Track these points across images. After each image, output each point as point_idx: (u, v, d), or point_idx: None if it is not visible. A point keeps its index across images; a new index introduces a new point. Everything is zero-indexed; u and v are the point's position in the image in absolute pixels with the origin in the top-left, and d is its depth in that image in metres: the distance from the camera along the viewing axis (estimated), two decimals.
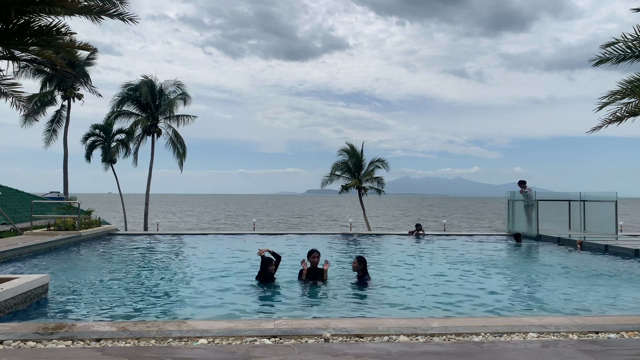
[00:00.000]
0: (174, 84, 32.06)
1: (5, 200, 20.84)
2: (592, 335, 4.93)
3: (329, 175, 31.68)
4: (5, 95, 8.65)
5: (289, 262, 10.14)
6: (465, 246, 15.00)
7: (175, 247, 14.57)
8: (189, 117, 32.57)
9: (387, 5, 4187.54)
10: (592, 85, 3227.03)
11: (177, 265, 11.00)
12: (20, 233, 15.77)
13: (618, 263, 11.47)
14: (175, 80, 32.10)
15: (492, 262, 11.70)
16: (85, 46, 9.07)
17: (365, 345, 4.56)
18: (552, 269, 10.88)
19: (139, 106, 31.59)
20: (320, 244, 14.80)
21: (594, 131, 12.48)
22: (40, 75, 29.24)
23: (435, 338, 4.81)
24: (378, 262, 11.53)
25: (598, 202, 17.57)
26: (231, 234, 18.19)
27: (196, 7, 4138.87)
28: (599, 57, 11.33)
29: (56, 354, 4.23)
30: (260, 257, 8.74)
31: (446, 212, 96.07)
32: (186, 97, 32.29)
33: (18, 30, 7.83)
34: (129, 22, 8.53)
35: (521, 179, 18.20)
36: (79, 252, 12.91)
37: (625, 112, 11.45)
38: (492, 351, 4.39)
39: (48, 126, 32.31)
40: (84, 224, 15.88)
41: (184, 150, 32.92)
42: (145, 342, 4.60)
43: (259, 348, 4.44)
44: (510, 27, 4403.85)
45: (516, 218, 18.55)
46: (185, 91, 32.35)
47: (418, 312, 6.78)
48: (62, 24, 8.01)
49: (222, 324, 5.21)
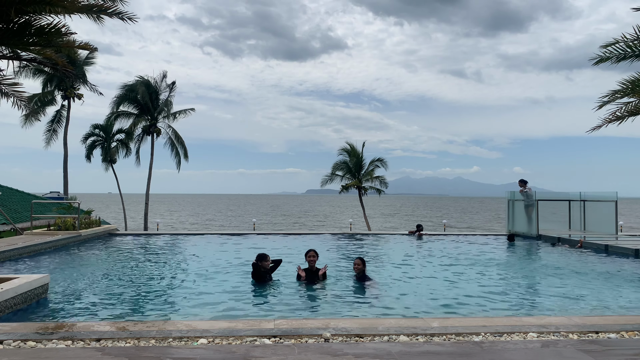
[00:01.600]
0: (169, 85, 32.15)
1: (5, 200, 20.83)
2: (592, 335, 4.93)
3: (330, 175, 31.69)
4: (6, 95, 8.64)
5: (289, 262, 10.13)
6: (465, 246, 15.01)
7: (175, 247, 14.57)
8: (186, 111, 32.61)
9: (385, 5, 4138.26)
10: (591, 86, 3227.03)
11: (177, 265, 11.00)
12: (20, 233, 15.77)
13: (618, 263, 11.46)
14: (170, 82, 32.24)
15: (492, 262, 11.70)
16: (85, 46, 9.07)
17: (365, 345, 4.56)
18: (552, 269, 10.88)
19: (138, 106, 31.61)
20: (320, 244, 14.81)
21: (594, 130, 12.48)
22: (40, 75, 29.22)
23: (435, 338, 4.80)
24: (378, 262, 11.53)
25: (598, 202, 17.56)
26: (231, 234, 18.19)
27: (195, 7, 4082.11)
28: (599, 56, 11.35)
29: (56, 354, 4.23)
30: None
31: (443, 212, 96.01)
32: (176, 88, 32.31)
33: (18, 29, 7.83)
34: (128, 21, 8.53)
35: (521, 178, 18.17)
36: (79, 252, 12.91)
37: (625, 112, 11.46)
38: (492, 351, 4.39)
39: (48, 126, 32.28)
40: (84, 224, 15.88)
41: (185, 151, 32.95)
42: (145, 342, 4.60)
43: (259, 348, 4.44)
44: (509, 28, 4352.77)
45: (516, 218, 18.55)
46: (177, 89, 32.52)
47: (418, 312, 6.78)
48: (63, 23, 8.01)
49: (222, 324, 5.21)
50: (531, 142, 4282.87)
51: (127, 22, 8.54)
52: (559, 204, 18.78)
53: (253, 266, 8.70)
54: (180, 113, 32.44)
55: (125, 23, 8.53)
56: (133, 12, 8.43)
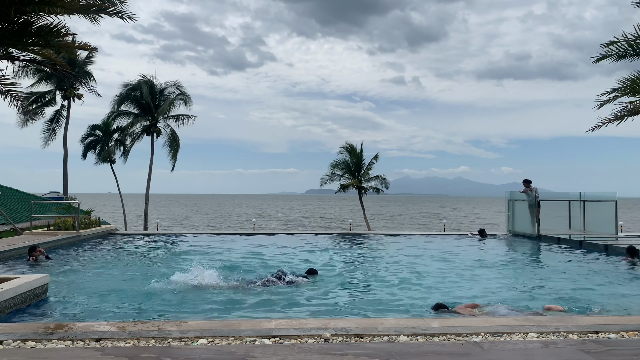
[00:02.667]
0: (174, 85, 32.09)
1: (5, 200, 20.82)
2: (592, 335, 4.93)
3: (329, 175, 31.70)
4: (4, 95, 8.65)
5: (289, 262, 10.14)
6: (464, 246, 15.01)
7: (175, 246, 14.56)
8: (189, 116, 32.57)
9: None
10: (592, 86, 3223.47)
11: (177, 265, 10.98)
12: (20, 233, 15.76)
13: (618, 263, 11.46)
14: (175, 82, 32.16)
15: (491, 262, 11.70)
16: (85, 46, 9.08)
17: (365, 345, 4.56)
18: (552, 268, 10.88)
19: (139, 106, 31.58)
20: (321, 244, 14.81)
21: (594, 130, 12.50)
22: (39, 75, 29.22)
23: (435, 338, 4.80)
24: (378, 262, 11.53)
25: (598, 202, 17.55)
26: (231, 234, 18.19)
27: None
28: (600, 55, 11.41)
29: (56, 354, 4.23)
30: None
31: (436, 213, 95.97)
32: (187, 98, 32.29)
33: (18, 30, 7.83)
34: (127, 20, 8.54)
35: (525, 178, 18.13)
36: (78, 252, 12.90)
37: (625, 112, 11.48)
38: (492, 351, 4.39)
39: (47, 126, 32.27)
40: (83, 224, 15.87)
41: (176, 150, 32.69)
42: (145, 342, 4.60)
43: (258, 348, 4.44)
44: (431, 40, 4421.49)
45: (516, 218, 18.54)
46: (185, 92, 32.37)
47: (418, 312, 6.78)
48: (63, 24, 8.02)
49: (222, 324, 5.20)
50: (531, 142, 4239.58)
51: (126, 20, 8.55)
52: (556, 204, 18.76)
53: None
54: (184, 118, 32.35)
55: (125, 21, 8.54)
56: (133, 12, 8.45)
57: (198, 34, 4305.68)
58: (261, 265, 10.75)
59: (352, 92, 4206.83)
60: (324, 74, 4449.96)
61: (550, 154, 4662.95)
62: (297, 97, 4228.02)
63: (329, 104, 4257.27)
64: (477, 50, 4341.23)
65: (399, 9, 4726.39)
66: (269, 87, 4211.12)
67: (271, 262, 11.11)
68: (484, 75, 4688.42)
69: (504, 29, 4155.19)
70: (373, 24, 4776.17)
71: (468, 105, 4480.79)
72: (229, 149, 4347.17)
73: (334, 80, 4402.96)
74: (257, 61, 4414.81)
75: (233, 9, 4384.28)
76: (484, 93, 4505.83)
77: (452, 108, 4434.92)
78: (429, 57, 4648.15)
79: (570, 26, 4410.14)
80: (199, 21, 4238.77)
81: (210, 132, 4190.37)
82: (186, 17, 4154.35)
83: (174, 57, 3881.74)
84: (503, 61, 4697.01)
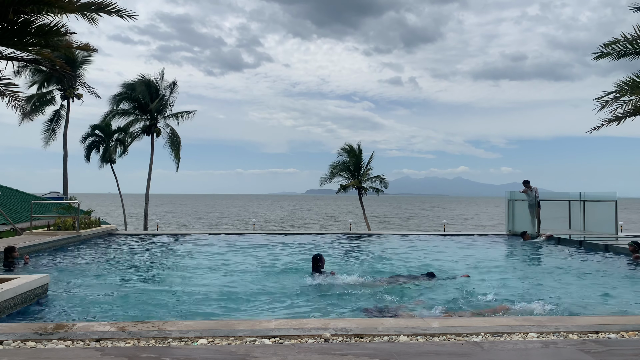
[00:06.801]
0: (170, 84, 32.08)
1: (5, 200, 20.80)
2: (592, 335, 4.93)
3: (329, 175, 31.69)
4: (2, 95, 8.65)
5: (289, 262, 10.14)
6: (464, 246, 15.00)
7: (175, 247, 14.55)
8: (188, 112, 32.52)
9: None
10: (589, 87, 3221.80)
11: (177, 265, 10.99)
12: (20, 233, 15.75)
13: (618, 263, 11.46)
14: (173, 81, 32.15)
15: (491, 262, 11.70)
16: (85, 46, 9.08)
17: (365, 345, 4.55)
18: (552, 268, 10.87)
19: (138, 106, 31.55)
20: (320, 244, 14.80)
21: (594, 131, 12.51)
22: (39, 74, 29.18)
23: (435, 338, 4.80)
24: (378, 262, 11.53)
25: (598, 202, 17.55)
26: (231, 234, 18.18)
27: None
28: (601, 52, 11.43)
29: (56, 354, 4.23)
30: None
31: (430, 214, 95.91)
32: (176, 88, 32.19)
33: (18, 30, 7.83)
34: (127, 18, 8.53)
35: (525, 179, 18.15)
36: (78, 252, 12.90)
37: (625, 111, 11.49)
38: (492, 351, 4.39)
39: (47, 126, 32.22)
40: (83, 224, 15.86)
41: (178, 149, 32.64)
42: (145, 342, 4.60)
43: (259, 348, 4.43)
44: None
45: (516, 218, 18.53)
46: (179, 90, 32.38)
47: (418, 312, 6.77)
48: (62, 24, 8.02)
49: (222, 324, 5.20)
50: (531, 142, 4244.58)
51: (126, 19, 8.54)
52: (555, 204, 18.75)
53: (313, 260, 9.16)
54: (183, 114, 32.32)
55: (124, 20, 8.53)
56: (132, 10, 8.44)
57: (194, 35, 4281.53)
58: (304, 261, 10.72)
59: (352, 92, 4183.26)
60: (323, 74, 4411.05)
61: (550, 154, 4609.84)
62: (296, 97, 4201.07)
63: (329, 104, 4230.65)
64: (473, 51, 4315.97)
65: (393, 10, 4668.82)
66: (269, 87, 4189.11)
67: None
68: (480, 76, 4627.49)
69: (499, 30, 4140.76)
70: (368, 25, 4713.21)
71: (467, 105, 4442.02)
72: (229, 149, 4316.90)
73: (333, 80, 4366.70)
74: (253, 62, 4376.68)
75: (229, 10, 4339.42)
76: (483, 93, 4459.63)
77: (452, 108, 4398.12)
78: (425, 57, 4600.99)
79: (565, 27, 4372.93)
80: (195, 22, 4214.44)
81: (209, 132, 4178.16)
82: (182, 18, 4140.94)
83: (170, 58, 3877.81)
84: (499, 62, 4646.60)
